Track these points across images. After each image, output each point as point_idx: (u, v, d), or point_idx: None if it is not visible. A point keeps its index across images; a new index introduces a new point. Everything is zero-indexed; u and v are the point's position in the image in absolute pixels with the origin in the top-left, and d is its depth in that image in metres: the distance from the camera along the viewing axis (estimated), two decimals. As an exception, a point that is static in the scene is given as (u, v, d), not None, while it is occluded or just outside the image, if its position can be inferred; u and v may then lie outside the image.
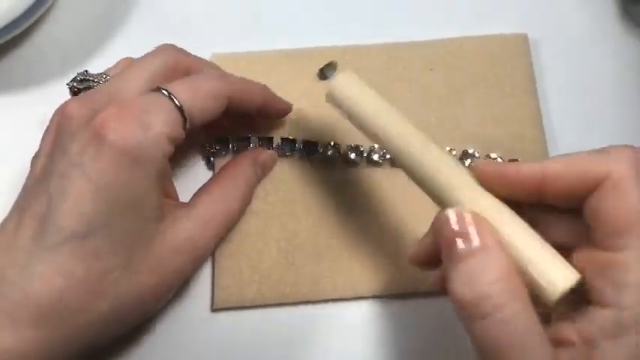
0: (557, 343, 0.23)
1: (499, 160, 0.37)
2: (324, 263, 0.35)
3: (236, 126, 0.37)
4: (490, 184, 0.26)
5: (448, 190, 0.26)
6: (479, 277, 0.23)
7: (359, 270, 0.35)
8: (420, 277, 0.35)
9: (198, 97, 0.30)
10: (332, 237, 0.36)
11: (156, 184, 0.29)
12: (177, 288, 0.32)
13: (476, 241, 0.24)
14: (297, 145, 0.37)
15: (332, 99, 0.31)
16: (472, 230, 0.24)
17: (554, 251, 0.24)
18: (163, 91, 0.30)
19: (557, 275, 0.23)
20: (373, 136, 0.29)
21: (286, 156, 0.37)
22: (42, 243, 0.27)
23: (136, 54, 0.33)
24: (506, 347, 0.22)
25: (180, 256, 0.30)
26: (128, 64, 0.33)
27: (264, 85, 0.35)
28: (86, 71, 0.33)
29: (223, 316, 0.35)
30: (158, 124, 0.28)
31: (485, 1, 0.43)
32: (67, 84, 0.33)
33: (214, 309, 0.35)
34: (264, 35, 0.41)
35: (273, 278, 0.35)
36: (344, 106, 0.30)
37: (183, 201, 0.34)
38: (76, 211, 0.27)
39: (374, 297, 0.35)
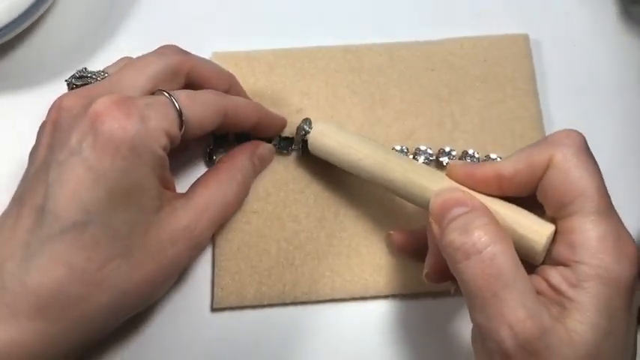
0: None
1: (499, 160, 0.37)
2: (324, 263, 0.35)
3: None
4: (462, 182, 0.30)
5: (431, 190, 0.30)
6: (467, 225, 0.26)
7: (358, 270, 0.35)
8: (421, 277, 0.35)
9: (196, 105, 0.31)
10: (332, 237, 0.36)
11: (154, 174, 0.29)
12: (175, 277, 0.33)
13: (466, 204, 0.28)
14: (296, 145, 0.37)
15: (313, 152, 0.35)
16: (463, 197, 0.28)
17: (529, 212, 0.28)
18: (165, 93, 0.30)
19: (539, 227, 0.27)
20: (357, 174, 0.33)
21: (285, 154, 0.37)
22: (41, 234, 0.27)
23: (136, 53, 0.33)
24: (491, 280, 0.25)
25: (178, 246, 0.30)
26: (127, 62, 0.33)
27: (259, 104, 0.36)
28: (85, 68, 0.33)
29: (223, 316, 0.35)
30: (157, 118, 0.29)
31: (485, 1, 0.43)
32: (66, 80, 0.33)
33: (214, 309, 0.35)
34: (265, 35, 0.41)
35: (273, 278, 0.35)
36: (323, 155, 0.35)
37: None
38: (75, 198, 0.27)
39: (373, 297, 0.35)
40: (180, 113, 0.30)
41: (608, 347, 0.25)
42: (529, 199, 0.29)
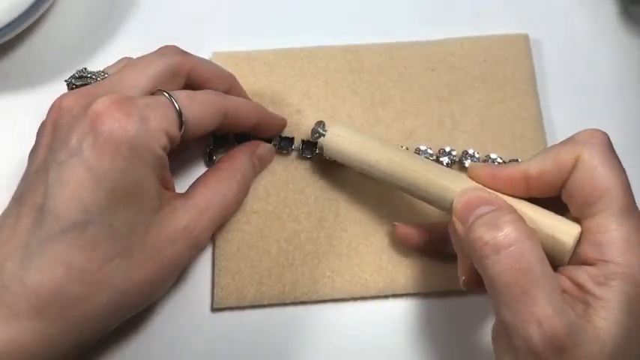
0: None
1: (499, 160, 0.37)
2: (324, 263, 0.35)
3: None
4: (484, 184, 0.30)
5: (453, 191, 0.30)
6: (496, 220, 0.26)
7: (358, 270, 0.35)
8: (420, 277, 0.35)
9: (196, 105, 0.31)
10: (332, 237, 0.36)
11: (154, 174, 0.29)
12: (175, 277, 0.33)
13: (492, 202, 0.28)
14: (296, 145, 0.37)
15: (327, 155, 0.35)
16: (487, 196, 0.28)
17: (554, 213, 0.28)
18: (165, 94, 0.30)
19: (566, 227, 0.28)
20: (373, 175, 0.33)
21: (285, 155, 0.37)
22: (40, 234, 0.27)
23: (136, 54, 0.33)
24: (520, 276, 0.25)
25: (178, 246, 0.30)
26: (127, 62, 0.33)
27: (259, 104, 0.36)
28: (85, 69, 0.33)
29: (223, 316, 0.35)
30: (157, 118, 0.29)
31: (485, 1, 0.43)
32: (65, 80, 0.33)
33: (214, 309, 0.35)
34: (265, 35, 0.41)
35: (273, 278, 0.35)
36: (339, 158, 0.34)
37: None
38: (75, 198, 0.27)
39: (373, 297, 0.35)
40: (180, 113, 0.30)
41: (631, 344, 0.25)
42: (550, 201, 0.29)
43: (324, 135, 0.35)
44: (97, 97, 0.28)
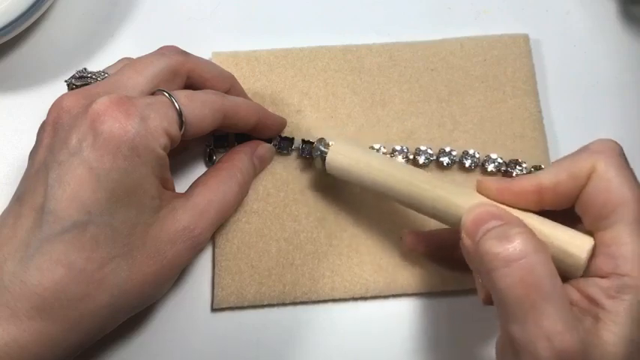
0: None
1: (499, 160, 0.37)
2: (323, 263, 0.35)
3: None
4: (494, 198, 0.29)
5: (462, 207, 0.29)
6: (505, 233, 0.26)
7: (358, 270, 0.35)
8: (420, 277, 0.35)
9: (196, 105, 0.31)
10: (332, 237, 0.36)
11: (154, 174, 0.29)
12: (175, 277, 0.33)
13: (501, 217, 0.27)
14: (296, 145, 0.37)
15: (330, 172, 0.34)
16: (497, 211, 0.28)
17: (566, 227, 0.28)
18: (165, 93, 0.30)
19: (579, 241, 0.27)
20: (378, 193, 0.32)
21: (285, 155, 0.37)
22: (41, 234, 0.27)
23: (136, 54, 0.33)
24: (530, 290, 0.24)
25: (178, 245, 0.30)
26: (127, 62, 0.33)
27: (259, 104, 0.36)
28: (85, 69, 0.33)
29: (223, 316, 0.35)
30: (157, 118, 0.29)
31: (485, 1, 0.43)
32: (65, 81, 0.33)
33: (214, 309, 0.35)
34: (265, 35, 0.41)
35: (273, 278, 0.35)
36: (343, 176, 0.34)
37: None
38: (75, 199, 0.27)
39: (373, 297, 0.35)
40: (180, 113, 0.30)
41: None
42: (559, 214, 0.28)
43: (325, 153, 0.34)
44: (97, 97, 0.28)
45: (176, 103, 0.30)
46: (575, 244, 0.27)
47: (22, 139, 0.38)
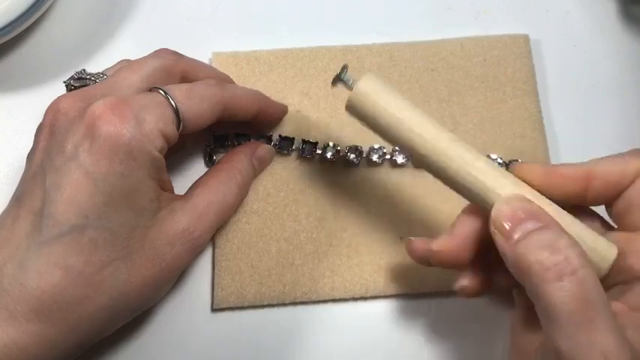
0: None
1: (499, 160, 0.37)
2: (323, 263, 0.35)
3: (236, 124, 0.37)
4: (535, 181, 0.28)
5: (494, 192, 0.27)
6: (553, 244, 0.25)
7: (358, 270, 0.35)
8: (420, 277, 0.35)
9: (194, 101, 0.31)
10: (332, 237, 0.36)
11: (151, 177, 0.29)
12: (174, 279, 0.33)
13: (539, 219, 0.26)
14: (296, 145, 0.37)
15: (353, 110, 0.29)
16: (536, 211, 0.26)
17: (592, 230, 0.27)
18: (160, 91, 0.30)
19: (606, 247, 0.27)
20: (405, 147, 0.29)
21: (285, 155, 0.37)
22: (39, 237, 0.27)
23: (136, 54, 0.33)
24: (585, 305, 0.24)
25: (177, 248, 0.30)
26: (124, 64, 0.33)
27: (259, 92, 0.36)
28: (83, 70, 0.33)
29: (223, 316, 0.35)
30: (153, 120, 0.29)
31: (485, 1, 0.43)
32: (64, 82, 0.33)
33: (214, 309, 0.35)
34: (265, 35, 0.41)
35: (273, 278, 0.35)
36: (366, 121, 0.29)
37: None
38: (73, 203, 0.27)
39: (373, 297, 0.35)
40: (176, 110, 0.30)
41: None
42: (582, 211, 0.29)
43: (349, 87, 0.29)
44: (94, 99, 0.28)
45: (172, 101, 0.30)
46: (600, 253, 0.26)
47: (22, 139, 0.38)
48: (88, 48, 0.40)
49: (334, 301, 0.35)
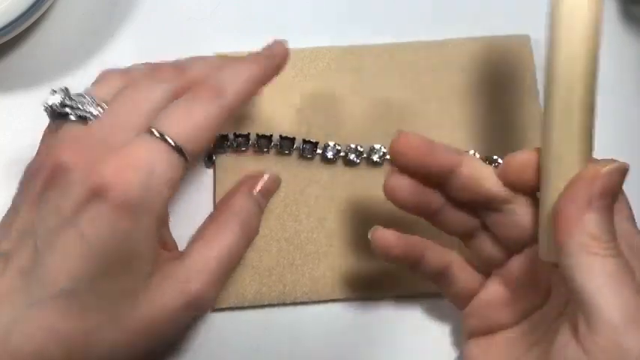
0: None
1: (499, 160, 0.37)
2: (324, 263, 0.35)
3: (236, 124, 0.37)
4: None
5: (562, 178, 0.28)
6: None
7: (359, 270, 0.35)
8: (420, 277, 0.35)
9: (195, 132, 0.28)
10: (332, 237, 0.36)
11: (153, 236, 0.28)
12: (175, 335, 0.32)
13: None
14: (296, 145, 0.37)
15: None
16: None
17: None
18: (156, 134, 0.27)
19: None
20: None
21: (286, 155, 0.37)
22: (28, 299, 0.26)
23: (136, 54, 0.33)
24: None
25: (172, 310, 0.29)
26: (109, 77, 0.31)
27: (252, 57, 0.32)
28: (66, 89, 0.30)
29: (223, 316, 0.35)
30: (159, 178, 0.27)
31: (486, 1, 0.42)
32: (44, 106, 0.30)
33: (214, 309, 0.35)
34: (265, 35, 0.41)
35: (274, 278, 0.35)
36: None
37: (181, 208, 0.33)
38: (64, 268, 0.26)
39: (373, 298, 0.35)
40: (179, 149, 0.28)
41: None
42: None
43: None
44: (96, 154, 0.27)
45: (172, 142, 0.27)
46: None
47: (22, 139, 0.38)
48: (88, 48, 0.40)
49: (334, 301, 0.35)
